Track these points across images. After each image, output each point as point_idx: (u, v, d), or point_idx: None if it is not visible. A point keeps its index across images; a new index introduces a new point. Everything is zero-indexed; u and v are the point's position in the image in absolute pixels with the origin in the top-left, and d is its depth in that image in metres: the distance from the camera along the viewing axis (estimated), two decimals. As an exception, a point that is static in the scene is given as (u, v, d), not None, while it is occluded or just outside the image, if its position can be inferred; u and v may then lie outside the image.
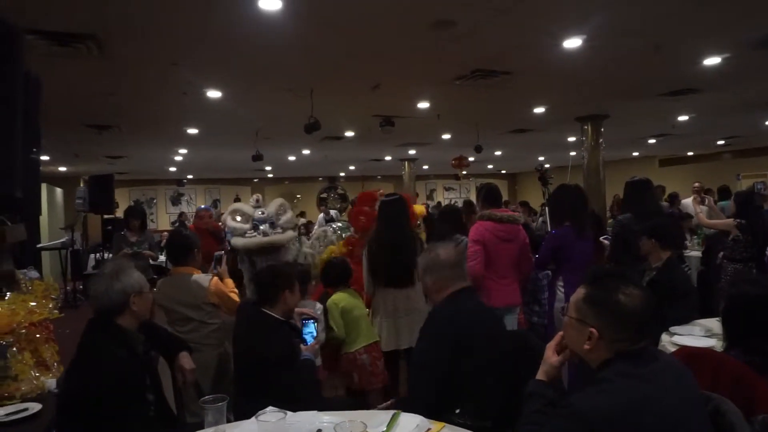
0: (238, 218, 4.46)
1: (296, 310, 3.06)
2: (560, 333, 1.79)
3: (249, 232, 4.48)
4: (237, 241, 4.36)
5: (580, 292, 1.71)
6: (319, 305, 3.60)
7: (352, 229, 5.25)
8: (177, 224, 15.61)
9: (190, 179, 19.93)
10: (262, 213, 4.50)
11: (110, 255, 8.47)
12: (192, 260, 3.43)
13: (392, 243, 3.72)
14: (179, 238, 3.53)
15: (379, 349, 3.78)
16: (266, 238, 4.33)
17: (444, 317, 2.24)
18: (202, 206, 5.43)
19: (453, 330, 2.17)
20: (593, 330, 1.63)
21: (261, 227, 4.42)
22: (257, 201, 4.84)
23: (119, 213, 16.71)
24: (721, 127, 11.75)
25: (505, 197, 22.27)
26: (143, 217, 6.38)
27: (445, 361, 2.13)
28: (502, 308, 3.98)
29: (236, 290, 3.52)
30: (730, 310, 2.26)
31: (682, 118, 10.29)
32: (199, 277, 3.38)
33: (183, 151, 12.39)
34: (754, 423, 1.75)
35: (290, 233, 4.51)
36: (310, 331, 2.91)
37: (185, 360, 2.69)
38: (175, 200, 20.36)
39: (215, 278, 3.42)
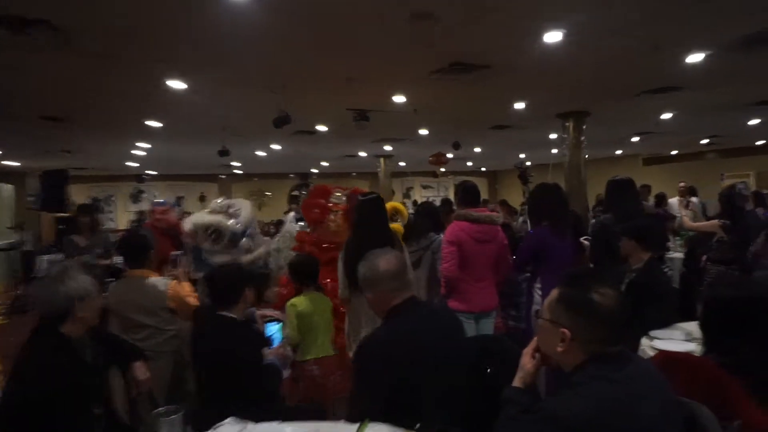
0: (212, 241, 4.41)
1: (259, 311, 3.05)
2: (536, 338, 1.81)
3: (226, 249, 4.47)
4: (220, 259, 4.29)
5: (554, 293, 1.75)
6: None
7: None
8: (135, 223, 15.36)
9: (151, 175, 19.61)
10: (238, 225, 4.45)
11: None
12: (148, 262, 3.39)
13: (372, 244, 3.71)
14: (135, 239, 3.48)
15: (337, 363, 3.72)
16: (252, 257, 4.35)
17: (379, 351, 2.14)
18: (160, 201, 5.27)
19: (389, 367, 2.08)
20: (566, 331, 1.66)
21: (242, 242, 4.40)
22: (228, 209, 4.75)
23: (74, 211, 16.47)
24: (705, 126, 12.04)
25: (484, 196, 22.51)
26: (92, 215, 6.16)
27: (382, 399, 2.04)
28: (478, 312, 4.02)
29: (194, 294, 3.48)
30: (708, 313, 2.32)
31: (665, 116, 10.51)
32: (157, 280, 3.33)
33: (145, 145, 12.18)
34: (729, 429, 1.80)
35: (264, 248, 4.56)
36: (274, 334, 2.90)
37: (139, 370, 2.65)
38: (136, 198, 20.02)
39: (173, 282, 3.38)
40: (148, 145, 12.14)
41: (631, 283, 3.61)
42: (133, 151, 13.16)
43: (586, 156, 10.20)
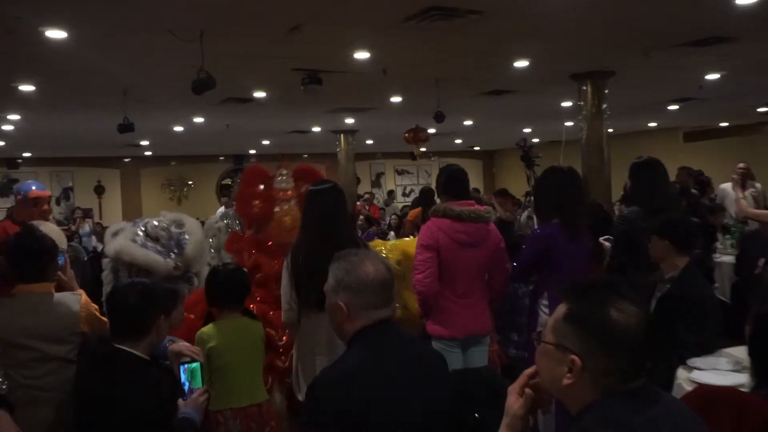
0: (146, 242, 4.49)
1: (173, 347, 3.00)
2: (529, 369, 1.82)
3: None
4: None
5: (560, 309, 1.75)
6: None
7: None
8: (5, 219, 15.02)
9: (27, 158, 19.21)
10: (177, 267, 4.69)
11: None
12: (50, 272, 3.35)
13: (330, 247, 3.69)
14: (30, 241, 3.41)
15: (267, 413, 3.70)
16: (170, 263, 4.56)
17: (340, 389, 2.15)
18: (30, 184, 5.05)
19: (351, 411, 2.10)
20: (575, 358, 1.66)
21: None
22: (168, 234, 4.92)
23: None
24: (763, 89, 12.30)
25: (478, 183, 22.76)
26: None
27: None
28: (464, 338, 4.04)
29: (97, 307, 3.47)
30: (759, 335, 2.36)
31: (712, 76, 10.71)
32: (64, 296, 3.32)
33: (14, 117, 11.87)
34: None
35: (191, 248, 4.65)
36: (191, 377, 2.85)
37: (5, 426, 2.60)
38: (5, 189, 19.58)
39: (85, 296, 3.37)
40: (18, 117, 11.85)
41: (664, 297, 3.66)
42: (-1, 126, 12.85)
43: (610, 130, 10.33)
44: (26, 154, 18.74)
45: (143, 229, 5.01)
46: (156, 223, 5.05)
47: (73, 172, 20.25)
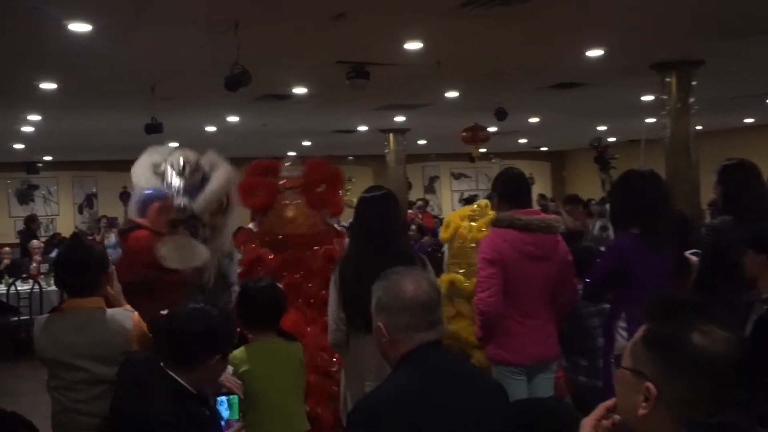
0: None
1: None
2: (608, 402, 1.81)
3: None
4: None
5: (641, 329, 1.74)
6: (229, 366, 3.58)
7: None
8: (25, 233, 15.45)
9: (48, 162, 19.74)
10: (181, 207, 4.71)
11: None
12: (101, 286, 3.45)
13: (378, 264, 3.72)
14: (80, 253, 3.52)
15: None
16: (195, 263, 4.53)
17: (380, 416, 2.17)
18: (157, 189, 5.27)
19: None
20: (649, 385, 1.65)
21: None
22: (182, 168, 4.92)
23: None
24: None
25: (546, 188, 22.55)
26: None
27: None
28: (530, 365, 4.02)
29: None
30: None
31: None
32: (116, 313, 3.39)
33: (34, 117, 12.23)
34: None
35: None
36: (226, 411, 2.90)
37: None
38: (25, 195, 20.18)
39: (137, 313, 3.46)
40: (39, 117, 12.21)
41: (762, 320, 3.58)
42: (17, 127, 13.23)
43: (698, 127, 10.16)
44: (47, 158, 19.25)
45: (170, 161, 5.11)
46: (182, 162, 5.09)
47: (97, 177, 20.69)
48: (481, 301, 4.03)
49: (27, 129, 13.51)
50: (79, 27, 6.78)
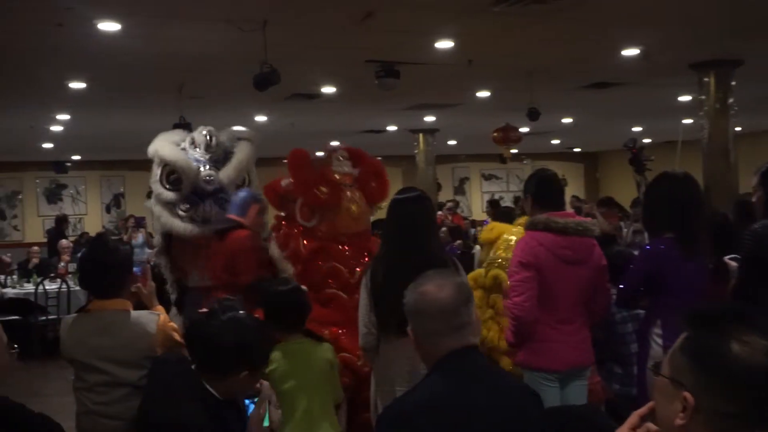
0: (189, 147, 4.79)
1: None
2: (641, 409, 1.79)
3: (182, 209, 4.82)
4: (164, 221, 4.66)
5: (681, 337, 1.72)
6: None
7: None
8: (51, 231, 15.64)
9: (76, 162, 19.97)
10: (209, 178, 4.81)
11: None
12: (126, 289, 3.47)
13: (409, 267, 3.73)
14: (103, 253, 3.54)
15: None
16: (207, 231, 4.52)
17: (407, 422, 2.18)
18: (252, 191, 5.32)
19: None
20: (687, 395, 1.63)
21: (204, 207, 4.71)
22: (208, 141, 4.98)
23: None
24: None
25: (579, 190, 22.40)
26: None
27: None
28: (564, 371, 4.00)
29: (176, 328, 3.56)
30: None
31: None
32: (141, 315, 3.41)
33: (63, 117, 12.41)
34: None
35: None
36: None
37: None
38: (53, 195, 20.42)
39: (163, 315, 3.48)
40: (68, 117, 12.37)
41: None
42: (47, 126, 13.41)
43: (737, 128, 10.04)
44: (75, 157, 19.48)
45: (192, 136, 5.27)
46: (205, 133, 5.22)
47: (125, 177, 20.89)
48: (515, 306, 4.01)
49: (56, 128, 13.68)
50: (109, 26, 6.86)
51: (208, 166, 4.93)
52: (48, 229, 18.05)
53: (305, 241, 4.98)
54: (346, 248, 4.99)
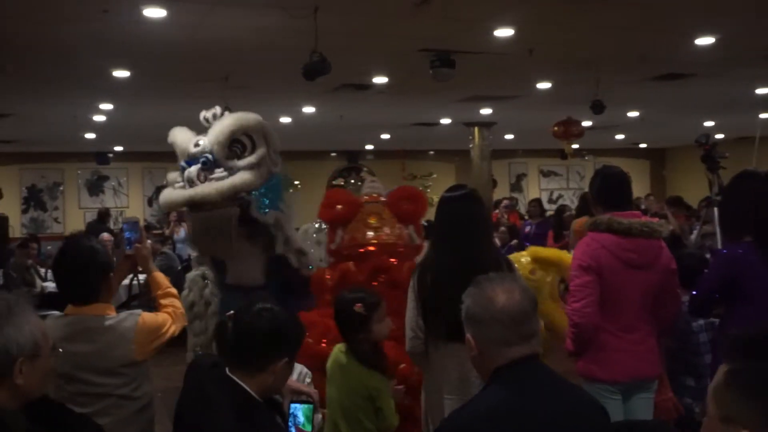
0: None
1: (288, 383, 3.05)
2: None
3: (177, 181, 4.79)
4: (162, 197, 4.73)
5: (720, 371, 1.69)
6: (302, 368, 3.60)
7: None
8: (92, 223, 15.85)
9: (118, 153, 20.31)
10: (197, 145, 4.68)
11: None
12: (104, 292, 3.43)
13: (459, 268, 3.72)
14: (76, 252, 3.52)
15: None
16: (187, 192, 4.55)
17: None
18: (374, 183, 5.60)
19: None
20: None
21: (188, 170, 4.60)
22: (212, 117, 4.98)
23: (4, 206, 17.12)
24: None
25: (645, 189, 22.08)
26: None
27: None
28: (628, 383, 3.93)
29: (175, 294, 3.60)
30: None
31: None
32: (119, 320, 3.38)
33: (107, 106, 12.63)
34: None
35: (244, 178, 4.60)
36: (296, 417, 2.90)
37: None
38: (95, 187, 20.78)
39: (144, 316, 3.44)
40: (112, 106, 12.59)
41: None
42: (90, 115, 13.67)
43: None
44: (117, 148, 19.82)
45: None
46: (210, 112, 5.21)
47: (167, 169, 20.97)
48: (575, 312, 3.95)
49: (99, 118, 13.94)
50: (154, 12, 6.96)
51: (195, 142, 4.82)
52: (89, 222, 18.41)
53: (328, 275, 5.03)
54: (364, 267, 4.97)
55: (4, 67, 9.06)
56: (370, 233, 5.04)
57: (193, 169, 4.58)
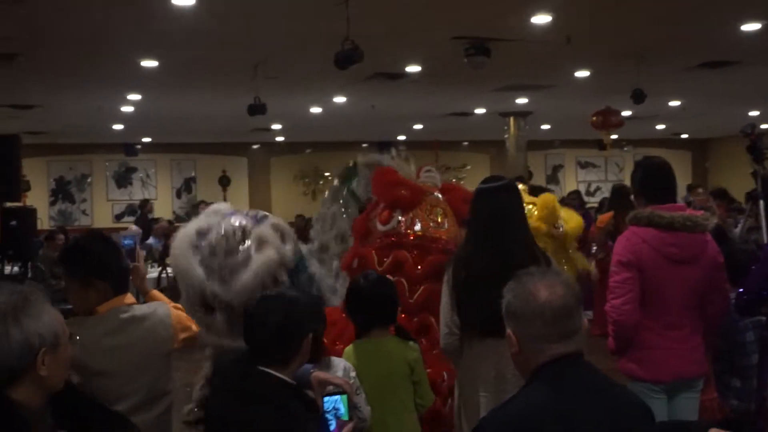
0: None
1: (317, 375, 3.05)
2: None
3: None
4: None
5: None
6: (345, 363, 3.59)
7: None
8: (139, 217, 15.93)
9: (146, 144, 20.46)
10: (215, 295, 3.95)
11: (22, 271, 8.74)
12: (126, 284, 3.43)
13: (496, 261, 3.70)
14: (101, 245, 3.51)
15: None
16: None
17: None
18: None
19: None
20: None
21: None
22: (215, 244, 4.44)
23: (32, 198, 17.27)
24: None
25: (686, 180, 21.85)
26: None
27: None
28: (671, 382, 3.90)
29: (180, 307, 3.59)
30: None
31: None
32: (155, 308, 3.40)
33: (135, 97, 12.72)
34: None
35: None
36: (337, 410, 2.91)
37: None
38: (123, 178, 20.93)
39: (172, 305, 3.50)
40: (140, 97, 12.69)
41: None
42: (118, 106, 13.80)
43: None
44: (146, 139, 19.98)
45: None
46: (222, 231, 4.21)
47: (196, 160, 21.32)
48: (614, 309, 3.91)
49: (127, 109, 14.07)
50: (183, 1, 6.98)
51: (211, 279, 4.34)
52: (119, 213, 18.56)
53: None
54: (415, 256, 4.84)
55: (32, 57, 9.17)
56: (434, 226, 4.93)
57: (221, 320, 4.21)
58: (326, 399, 2.93)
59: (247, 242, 4.28)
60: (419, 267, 4.67)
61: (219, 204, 4.53)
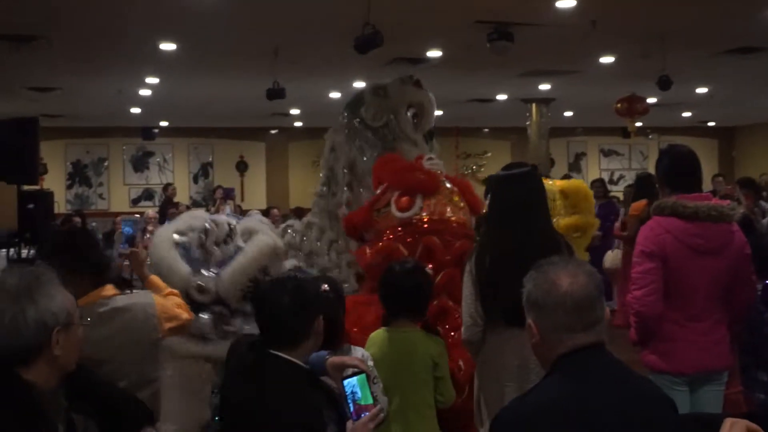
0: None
1: (333, 360, 3.07)
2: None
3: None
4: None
5: None
6: (363, 351, 3.60)
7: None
8: (162, 203, 15.93)
9: (164, 128, 20.53)
10: (202, 290, 4.23)
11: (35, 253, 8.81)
12: (106, 275, 3.46)
13: (518, 250, 3.71)
14: (82, 237, 3.54)
15: None
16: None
17: (525, 428, 2.17)
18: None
19: None
20: None
21: (200, 321, 4.17)
22: (204, 236, 4.49)
23: (49, 181, 17.36)
24: None
25: (713, 169, 21.72)
26: None
27: None
28: (693, 374, 3.90)
29: (177, 293, 3.61)
30: None
31: None
32: (139, 297, 3.45)
33: (153, 80, 12.77)
34: None
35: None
36: (355, 394, 2.91)
37: None
38: (140, 162, 21.01)
39: (158, 296, 3.52)
40: (158, 80, 12.73)
41: None
42: (136, 89, 13.85)
43: None
44: (163, 124, 20.05)
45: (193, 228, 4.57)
46: (206, 225, 4.55)
47: (213, 145, 21.34)
48: (637, 300, 3.91)
49: (145, 92, 14.12)
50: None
51: (200, 272, 4.35)
52: (136, 197, 18.59)
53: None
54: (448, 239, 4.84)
55: (50, 40, 9.22)
56: (452, 212, 4.96)
57: (207, 321, 4.26)
58: (345, 382, 2.94)
59: (235, 235, 4.46)
60: (447, 253, 4.68)
61: (195, 210, 4.70)
